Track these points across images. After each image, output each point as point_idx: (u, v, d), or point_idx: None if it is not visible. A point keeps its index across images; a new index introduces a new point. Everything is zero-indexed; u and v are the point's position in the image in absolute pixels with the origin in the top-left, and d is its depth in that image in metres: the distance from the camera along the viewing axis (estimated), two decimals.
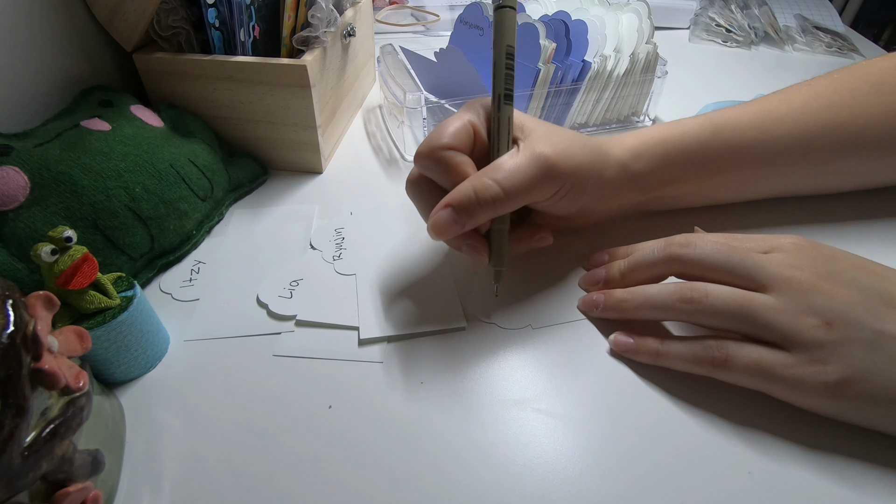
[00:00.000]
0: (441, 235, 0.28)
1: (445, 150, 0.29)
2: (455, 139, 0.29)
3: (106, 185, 0.31)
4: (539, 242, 0.33)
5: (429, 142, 0.29)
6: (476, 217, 0.28)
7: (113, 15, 0.38)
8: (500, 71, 0.29)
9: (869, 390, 0.23)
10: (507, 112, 0.30)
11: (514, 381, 0.28)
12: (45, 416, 0.20)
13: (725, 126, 0.35)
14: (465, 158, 0.29)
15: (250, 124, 0.42)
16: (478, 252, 0.30)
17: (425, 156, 0.29)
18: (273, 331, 0.31)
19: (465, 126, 0.30)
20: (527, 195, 0.29)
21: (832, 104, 0.35)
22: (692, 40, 0.74)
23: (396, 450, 0.25)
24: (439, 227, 0.28)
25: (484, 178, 0.28)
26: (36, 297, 0.21)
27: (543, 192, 0.29)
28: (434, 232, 0.28)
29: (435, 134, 0.29)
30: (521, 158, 0.28)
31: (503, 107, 0.30)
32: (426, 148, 0.29)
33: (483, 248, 0.30)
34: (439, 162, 0.29)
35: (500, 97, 0.29)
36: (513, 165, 0.28)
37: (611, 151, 0.33)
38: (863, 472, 0.24)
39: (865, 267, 0.27)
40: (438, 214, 0.28)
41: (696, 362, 0.27)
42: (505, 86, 0.29)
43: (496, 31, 0.29)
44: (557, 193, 0.30)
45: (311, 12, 0.40)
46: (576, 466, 0.25)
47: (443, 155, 0.29)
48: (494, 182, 0.27)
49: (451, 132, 0.29)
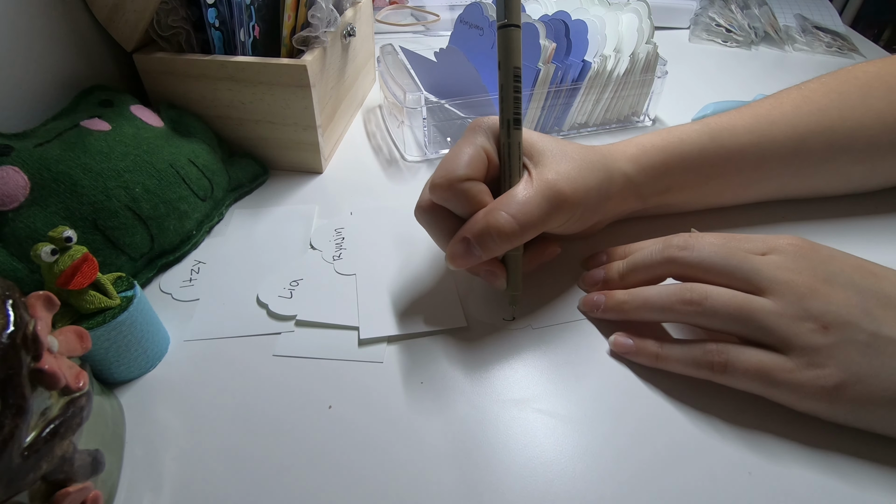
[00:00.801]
0: (459, 267, 0.29)
1: (463, 181, 0.28)
2: (471, 169, 0.28)
3: (106, 185, 0.31)
4: (550, 256, 0.33)
5: (446, 174, 0.28)
6: (492, 251, 0.28)
7: (113, 15, 0.38)
8: (508, 95, 0.28)
9: (866, 393, 0.23)
10: (517, 137, 0.29)
11: (514, 381, 0.28)
12: (45, 416, 0.20)
13: (722, 131, 0.35)
14: (482, 188, 0.29)
15: (250, 124, 0.42)
16: (495, 277, 0.30)
17: (444, 188, 0.28)
18: (273, 331, 0.31)
19: (478, 153, 0.29)
20: (541, 226, 0.29)
21: (821, 107, 0.36)
22: (692, 40, 0.74)
23: (396, 450, 0.25)
24: (457, 259, 0.29)
25: (500, 213, 0.28)
26: (36, 297, 0.21)
27: (556, 222, 0.30)
28: (452, 263, 0.29)
29: (450, 164, 0.29)
30: (534, 191, 0.28)
31: (513, 132, 0.29)
32: (444, 180, 0.28)
33: (501, 274, 0.30)
34: (458, 194, 0.28)
35: (510, 122, 0.29)
36: (525, 198, 0.28)
37: (615, 166, 0.33)
38: (862, 471, 0.24)
39: (864, 268, 0.27)
40: (456, 247, 0.28)
41: (696, 367, 0.27)
42: (514, 110, 0.28)
43: (501, 53, 0.28)
44: (569, 220, 0.30)
45: (311, 12, 0.40)
46: (576, 466, 0.25)
47: (461, 187, 0.28)
48: (510, 217, 0.27)
49: (466, 162, 0.29)
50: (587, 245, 0.36)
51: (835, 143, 0.35)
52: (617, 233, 0.37)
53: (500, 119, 0.29)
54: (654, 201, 0.35)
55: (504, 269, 0.30)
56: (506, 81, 0.28)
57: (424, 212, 0.30)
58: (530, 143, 0.30)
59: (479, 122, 0.31)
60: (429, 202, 0.30)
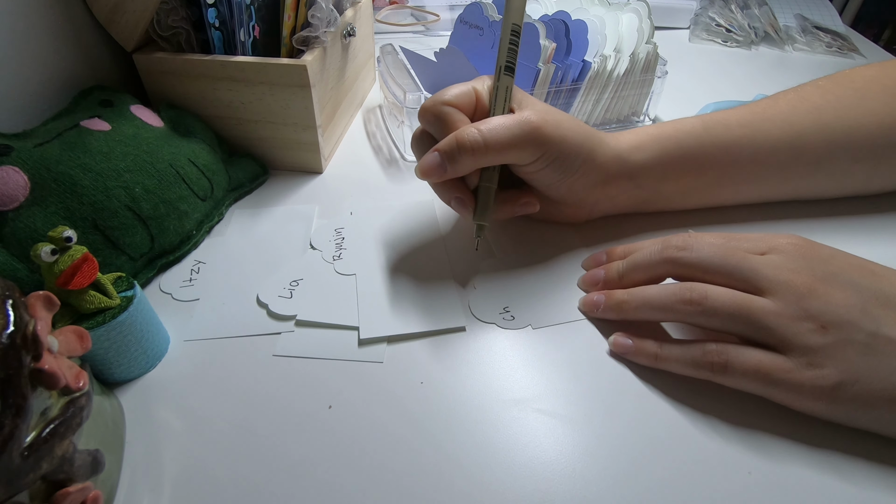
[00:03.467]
0: (425, 176, 0.31)
1: (446, 105, 0.31)
2: (457, 99, 0.31)
3: (106, 185, 0.31)
4: (525, 207, 0.34)
5: (432, 98, 0.31)
6: (458, 163, 0.30)
7: (113, 15, 0.38)
8: (504, 45, 0.32)
9: (864, 393, 0.24)
10: (507, 82, 0.32)
11: (514, 381, 0.28)
12: (45, 416, 0.20)
13: (717, 125, 0.36)
14: (462, 116, 0.31)
15: (250, 124, 0.42)
16: (464, 206, 0.32)
17: (427, 109, 0.31)
18: (273, 331, 0.31)
19: (468, 90, 0.32)
20: (508, 151, 0.30)
21: (818, 106, 0.36)
22: (692, 40, 0.74)
23: (397, 450, 0.25)
24: (424, 169, 0.31)
25: (469, 128, 0.30)
26: (36, 297, 0.21)
27: (525, 153, 0.31)
28: (419, 172, 0.31)
29: (439, 92, 0.31)
30: (510, 118, 0.30)
31: (503, 76, 0.32)
32: (429, 102, 0.31)
33: (469, 203, 0.32)
34: (438, 116, 0.31)
35: (502, 68, 0.32)
36: (499, 121, 0.30)
37: (605, 140, 0.34)
38: (862, 471, 0.24)
39: (864, 267, 0.27)
40: (426, 157, 0.30)
41: (696, 367, 0.27)
42: (507, 58, 0.32)
43: (505, 9, 0.32)
44: (541, 160, 0.31)
45: (311, 12, 0.40)
46: (576, 466, 0.25)
47: (442, 110, 0.31)
48: (477, 131, 0.29)
49: (454, 92, 0.31)
50: (587, 243, 0.36)
51: (832, 140, 0.35)
52: (616, 230, 0.37)
53: (496, 67, 0.32)
54: (651, 188, 0.36)
55: (473, 198, 0.32)
56: (504, 33, 0.32)
57: (415, 139, 0.33)
58: (523, 97, 0.33)
59: (482, 76, 0.33)
60: (420, 130, 0.33)
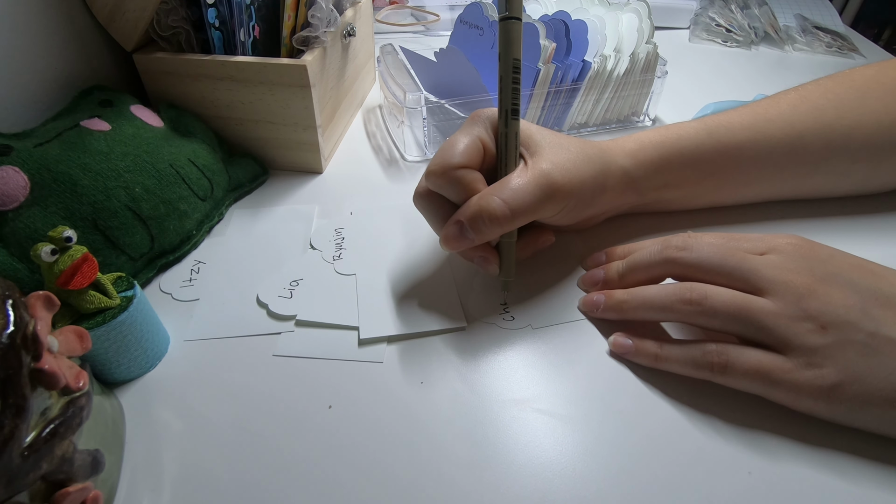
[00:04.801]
0: (450, 248, 0.30)
1: (458, 169, 0.29)
2: (467, 157, 0.29)
3: (106, 185, 0.31)
4: (543, 244, 0.34)
5: (441, 161, 0.29)
6: (484, 234, 0.28)
7: (113, 15, 0.38)
8: (506, 85, 0.29)
9: (863, 393, 0.23)
10: (515, 128, 0.30)
11: (514, 381, 0.28)
12: (45, 416, 0.20)
13: (719, 128, 0.35)
14: (476, 175, 0.30)
15: (250, 124, 0.42)
16: (489, 263, 0.31)
17: (438, 175, 0.29)
18: (273, 331, 0.31)
19: (474, 143, 0.30)
20: (532, 214, 0.29)
21: (818, 106, 0.36)
22: (692, 40, 0.74)
23: (397, 450, 0.25)
24: (450, 241, 0.29)
25: (493, 197, 0.28)
26: (36, 297, 0.21)
27: (549, 210, 0.30)
28: (445, 245, 0.30)
29: (446, 153, 0.29)
30: (528, 178, 0.29)
31: (510, 122, 0.30)
32: (439, 167, 0.29)
33: (494, 260, 0.31)
34: (452, 181, 0.29)
35: (508, 112, 0.29)
36: (519, 185, 0.29)
37: (612, 160, 0.33)
38: (862, 470, 0.24)
39: (863, 267, 0.27)
40: (449, 229, 0.29)
41: (695, 367, 0.27)
42: (512, 101, 0.29)
43: (502, 44, 0.29)
44: (562, 211, 0.31)
45: (311, 12, 0.40)
46: (576, 466, 0.25)
47: (455, 174, 0.29)
48: (502, 202, 0.28)
49: (461, 150, 0.29)
50: (587, 243, 0.36)
51: (832, 141, 0.35)
52: (616, 230, 0.37)
53: (499, 109, 0.30)
54: (652, 196, 0.36)
55: (497, 255, 0.31)
56: (505, 73, 0.29)
57: (421, 198, 0.32)
58: (528, 134, 0.31)
59: (479, 113, 0.31)
60: (425, 189, 0.31)
